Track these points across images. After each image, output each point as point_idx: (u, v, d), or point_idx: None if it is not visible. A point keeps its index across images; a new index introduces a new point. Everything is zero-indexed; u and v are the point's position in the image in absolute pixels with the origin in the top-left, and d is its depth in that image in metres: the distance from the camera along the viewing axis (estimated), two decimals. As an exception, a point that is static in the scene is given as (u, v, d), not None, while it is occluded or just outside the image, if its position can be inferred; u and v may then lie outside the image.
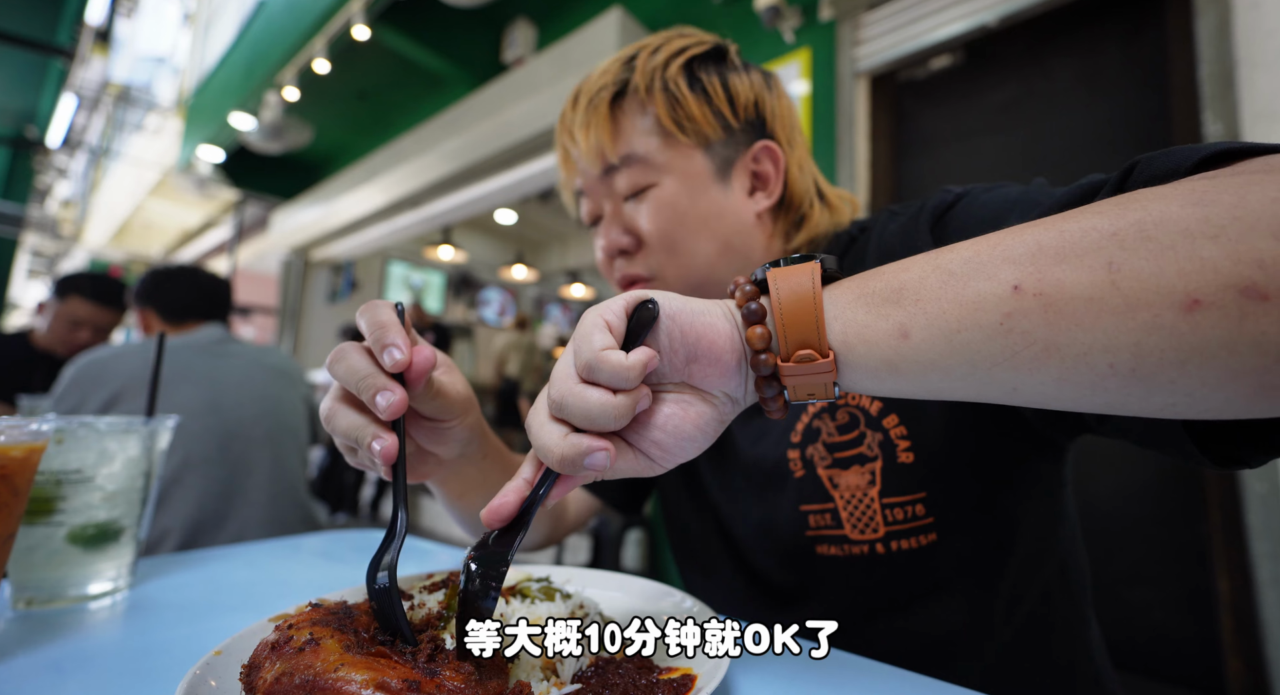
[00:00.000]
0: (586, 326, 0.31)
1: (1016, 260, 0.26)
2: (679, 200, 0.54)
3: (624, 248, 0.56)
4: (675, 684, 0.31)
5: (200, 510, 1.11)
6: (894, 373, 0.29)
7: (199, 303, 1.34)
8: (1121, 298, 0.24)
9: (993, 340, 0.26)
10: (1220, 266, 0.22)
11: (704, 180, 0.55)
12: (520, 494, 0.32)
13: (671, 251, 0.55)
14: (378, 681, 0.25)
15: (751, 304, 0.31)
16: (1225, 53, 1.40)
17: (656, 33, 0.62)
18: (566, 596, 0.39)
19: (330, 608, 0.33)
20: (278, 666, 0.27)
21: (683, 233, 0.54)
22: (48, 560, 0.47)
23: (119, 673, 0.36)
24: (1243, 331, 0.22)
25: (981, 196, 0.48)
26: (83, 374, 1.11)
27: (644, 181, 0.55)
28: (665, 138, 0.55)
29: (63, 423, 0.47)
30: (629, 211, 0.56)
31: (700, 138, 0.55)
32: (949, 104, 1.94)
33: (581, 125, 0.55)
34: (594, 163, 0.55)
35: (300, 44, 3.33)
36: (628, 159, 0.54)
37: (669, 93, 0.55)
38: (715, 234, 0.55)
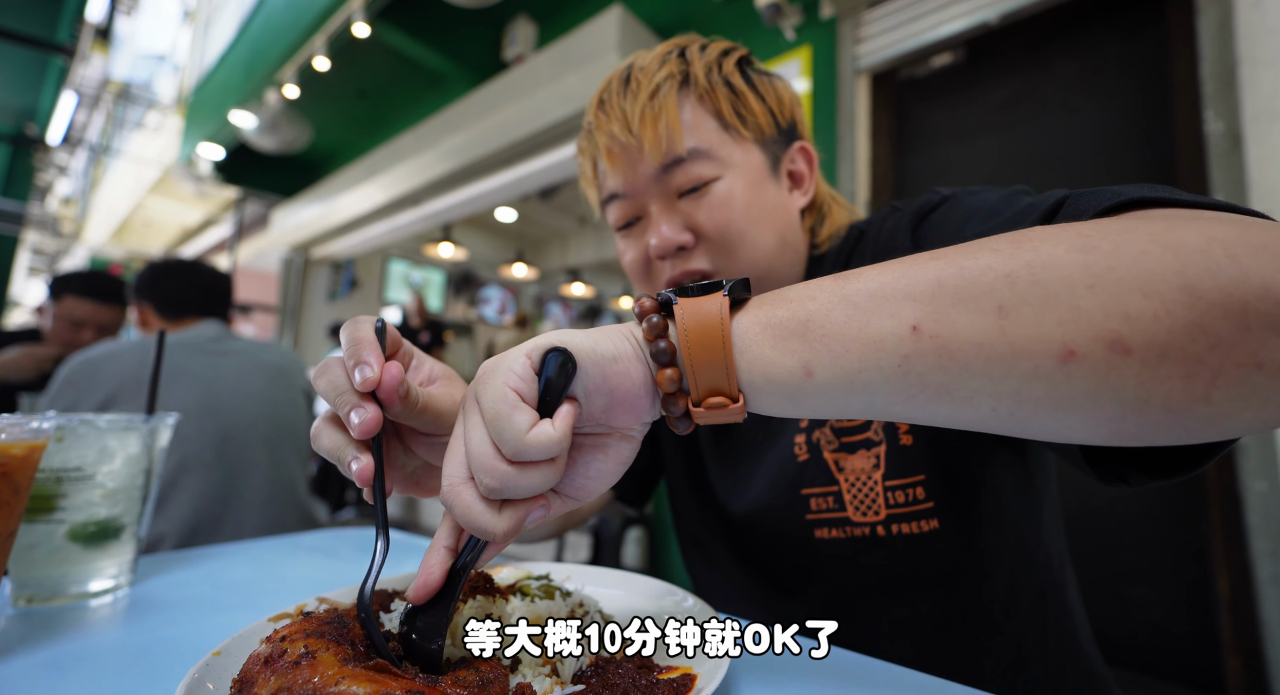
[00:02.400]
0: (497, 403, 0.28)
1: (917, 297, 0.27)
2: (743, 193, 0.53)
3: (682, 245, 0.54)
4: (675, 684, 0.31)
5: (196, 513, 1.09)
6: (797, 405, 0.30)
7: (197, 298, 1.30)
8: (1008, 344, 0.25)
9: (890, 382, 0.27)
10: (1094, 318, 0.24)
11: (762, 174, 0.56)
12: (444, 566, 0.30)
13: (733, 246, 0.53)
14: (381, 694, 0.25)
15: (660, 342, 0.30)
16: (1227, 51, 1.40)
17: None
18: (566, 594, 0.39)
19: (323, 618, 0.32)
20: (273, 682, 0.26)
21: (746, 226, 0.53)
22: (48, 558, 0.48)
23: (119, 670, 0.36)
24: (1107, 383, 0.24)
25: (964, 201, 0.49)
26: (76, 374, 1.09)
27: (708, 175, 0.53)
28: (727, 131, 0.54)
29: (63, 420, 0.47)
30: (685, 207, 0.54)
31: (758, 132, 0.56)
32: (950, 102, 1.94)
33: (645, 117, 0.52)
34: (655, 155, 0.52)
35: (300, 42, 3.33)
36: (694, 152, 0.53)
37: (730, 87, 0.55)
38: (774, 227, 0.55)
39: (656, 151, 0.52)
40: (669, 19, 2.69)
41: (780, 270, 0.57)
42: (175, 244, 9.17)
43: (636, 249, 0.57)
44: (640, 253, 0.57)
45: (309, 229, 5.07)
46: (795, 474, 0.55)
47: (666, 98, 0.53)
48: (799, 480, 0.55)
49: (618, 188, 0.56)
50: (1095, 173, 1.67)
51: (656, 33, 2.67)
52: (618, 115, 0.54)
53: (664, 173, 0.53)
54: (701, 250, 0.54)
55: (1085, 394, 0.25)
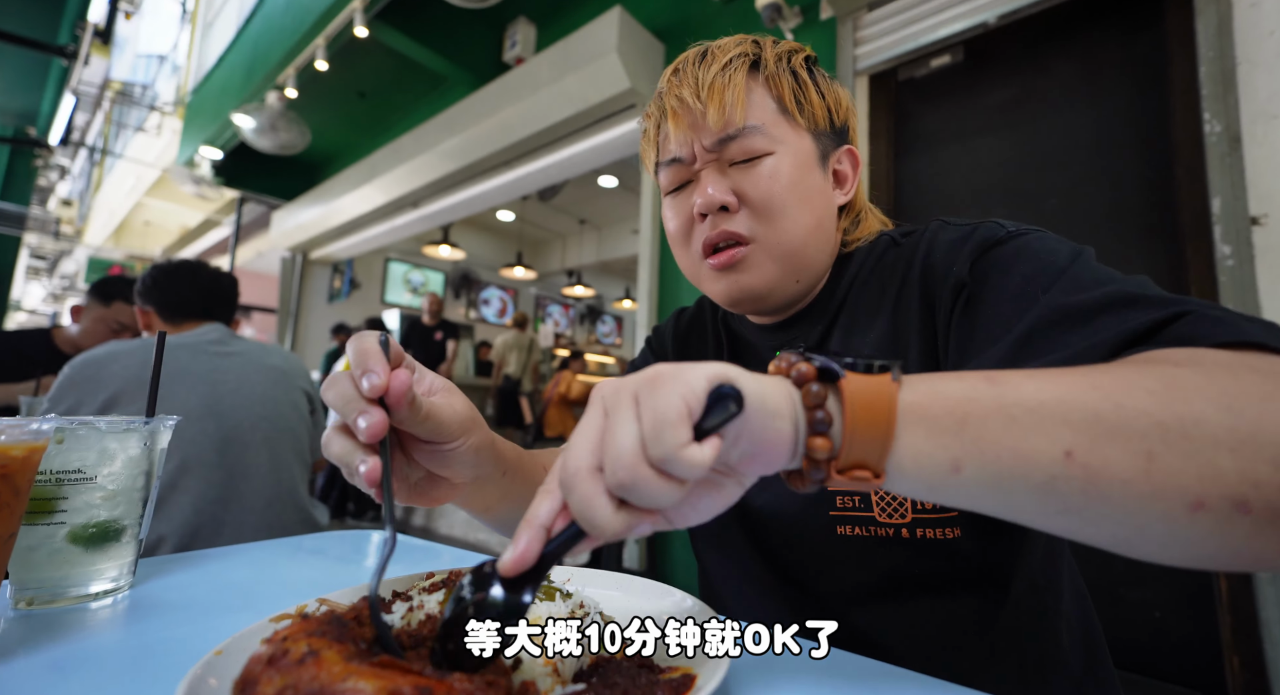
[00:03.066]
0: (668, 410, 0.28)
1: (1074, 425, 0.29)
2: (790, 171, 0.56)
3: (725, 205, 0.56)
4: (675, 684, 0.31)
5: (197, 515, 1.09)
6: (932, 492, 0.31)
7: (198, 300, 1.30)
8: (1150, 486, 0.27)
9: (1032, 495, 0.29)
10: (1229, 479, 0.27)
11: (810, 160, 0.58)
12: (540, 545, 0.30)
13: (773, 217, 0.56)
14: (390, 690, 0.24)
15: (819, 412, 0.30)
16: (1225, 52, 1.40)
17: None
18: (566, 596, 0.39)
19: (322, 619, 0.32)
20: (278, 681, 0.25)
21: (788, 200, 0.56)
22: (49, 560, 0.48)
23: (120, 672, 0.36)
24: (1220, 534, 0.27)
25: (1031, 246, 0.48)
26: (79, 375, 1.09)
27: (760, 149, 0.56)
28: (785, 115, 0.57)
29: (63, 422, 0.47)
30: (735, 174, 0.57)
31: (812, 122, 0.59)
32: (948, 103, 1.94)
33: (714, 86, 0.55)
34: (717, 123, 0.55)
35: (300, 43, 3.33)
36: (751, 128, 0.56)
37: (795, 76, 0.58)
38: (813, 209, 0.58)
39: (719, 119, 0.55)
40: (668, 21, 2.69)
41: (811, 253, 0.59)
42: (175, 246, 9.17)
43: (682, 212, 0.60)
44: (685, 216, 0.60)
45: (309, 230, 5.08)
46: None
47: (737, 72, 0.56)
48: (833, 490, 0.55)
49: (677, 152, 0.59)
50: (1094, 174, 1.67)
51: (656, 35, 2.68)
52: (690, 81, 0.57)
53: (720, 145, 0.57)
54: (742, 216, 0.57)
55: (1198, 538, 0.28)
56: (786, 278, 0.58)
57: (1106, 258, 0.45)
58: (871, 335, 0.57)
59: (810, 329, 0.62)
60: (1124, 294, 0.40)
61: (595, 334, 9.50)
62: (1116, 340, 0.37)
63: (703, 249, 0.58)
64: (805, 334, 0.62)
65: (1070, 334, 0.40)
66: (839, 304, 0.61)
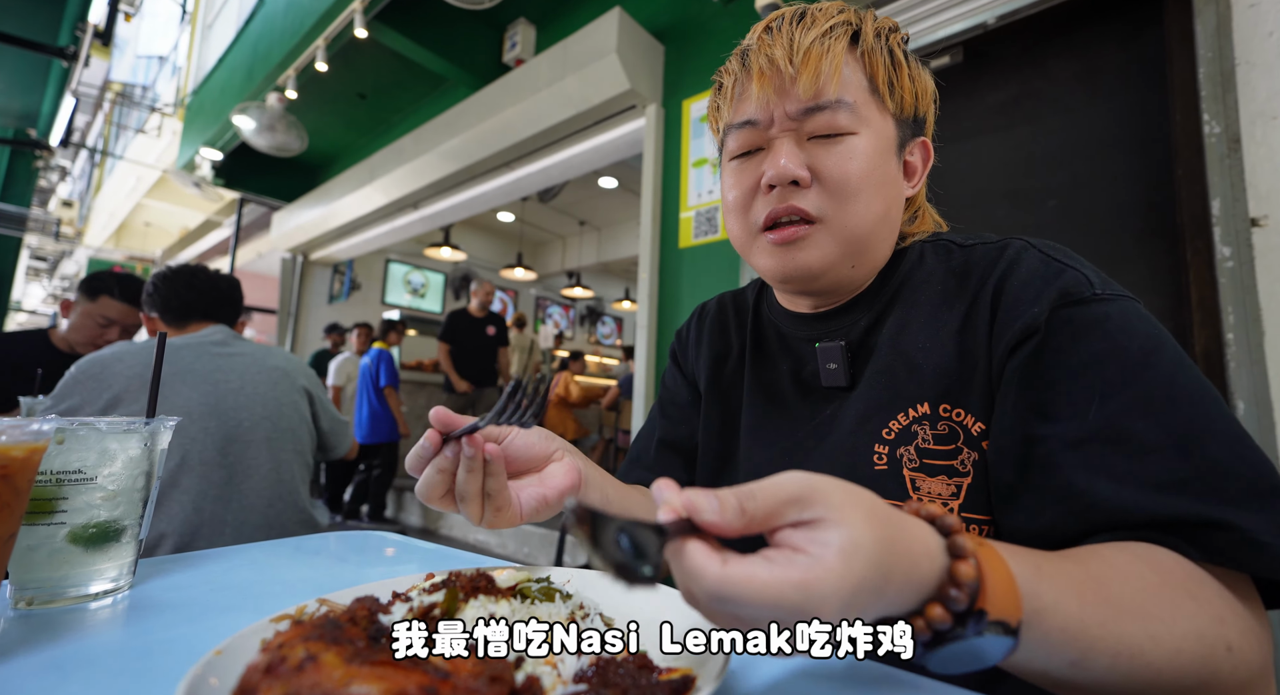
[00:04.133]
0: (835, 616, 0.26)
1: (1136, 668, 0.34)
2: (870, 155, 0.54)
3: (797, 179, 0.53)
4: (675, 684, 0.31)
5: (198, 513, 1.09)
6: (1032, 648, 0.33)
7: (200, 303, 1.32)
8: None
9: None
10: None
11: (889, 146, 0.56)
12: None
13: (846, 199, 0.53)
14: (395, 691, 0.24)
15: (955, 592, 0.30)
16: (1224, 53, 1.40)
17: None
18: (567, 597, 0.39)
19: (316, 623, 0.32)
20: (278, 689, 0.25)
21: (863, 184, 0.53)
22: (49, 560, 0.48)
23: (119, 672, 0.36)
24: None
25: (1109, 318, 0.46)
26: (84, 374, 1.10)
27: (846, 126, 0.53)
28: (874, 95, 0.55)
29: (64, 423, 0.47)
30: (812, 148, 0.54)
31: (899, 107, 0.56)
32: (947, 103, 1.93)
33: (812, 50, 0.52)
34: (808, 91, 0.52)
35: (300, 45, 3.34)
36: (842, 102, 0.53)
37: (892, 55, 0.55)
38: (885, 197, 0.55)
39: (810, 88, 0.52)
40: (668, 21, 2.70)
41: (876, 244, 0.57)
42: (176, 247, 9.18)
43: (746, 180, 0.57)
44: (749, 184, 0.57)
45: (309, 231, 5.08)
46: (869, 480, 0.54)
47: (837, 41, 0.53)
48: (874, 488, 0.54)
49: (755, 115, 0.55)
50: (1094, 174, 1.67)
51: (655, 35, 2.68)
52: (784, 41, 0.54)
53: (805, 114, 0.54)
54: (813, 193, 0.54)
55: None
56: (844, 261, 0.56)
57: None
58: (929, 345, 0.54)
59: (854, 323, 0.60)
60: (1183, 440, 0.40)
61: (595, 335, 9.50)
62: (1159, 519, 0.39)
63: (765, 220, 0.55)
64: (848, 328, 0.60)
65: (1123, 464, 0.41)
66: (888, 300, 0.59)
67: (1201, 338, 1.38)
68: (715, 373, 0.73)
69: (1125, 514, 0.40)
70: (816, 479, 0.29)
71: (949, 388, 0.52)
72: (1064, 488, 0.43)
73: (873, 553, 0.27)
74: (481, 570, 0.42)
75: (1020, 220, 1.77)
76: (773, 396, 0.66)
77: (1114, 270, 0.47)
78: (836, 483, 0.30)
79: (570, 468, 0.53)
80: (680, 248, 2.48)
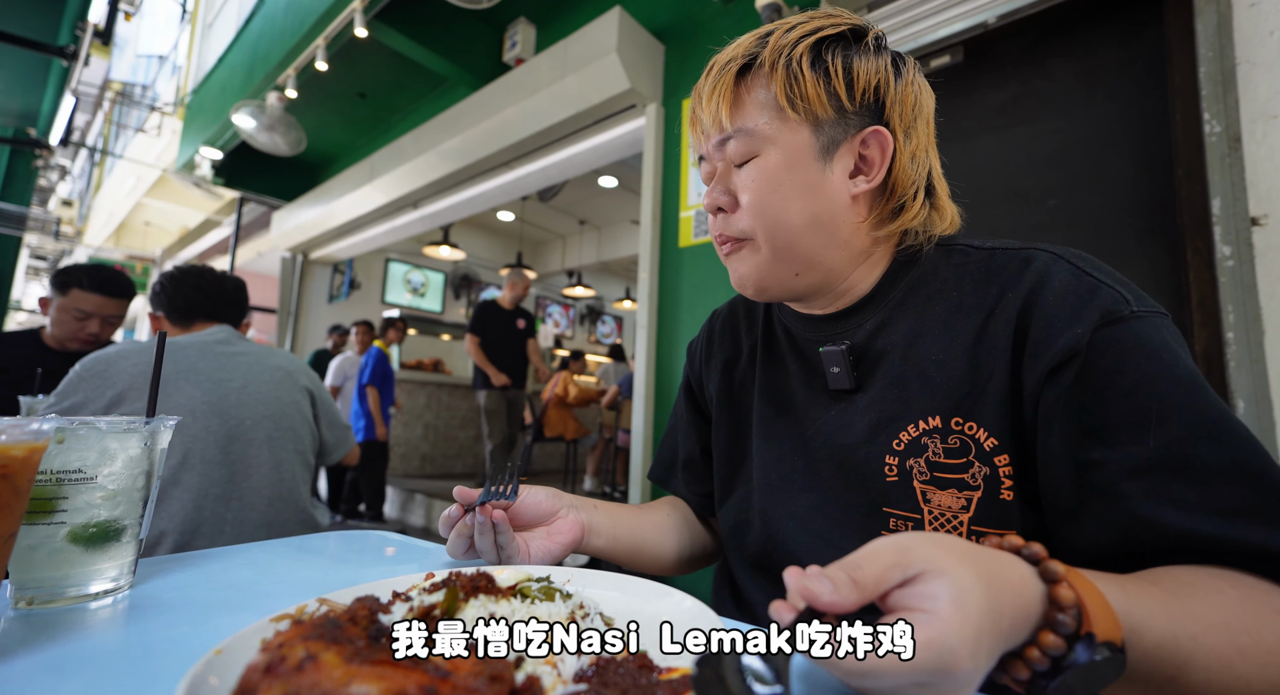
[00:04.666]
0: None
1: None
2: (776, 171, 0.57)
3: (721, 206, 0.61)
4: (675, 684, 0.31)
5: (199, 511, 1.10)
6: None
7: (205, 304, 1.34)
8: None
9: None
10: None
11: (805, 156, 0.57)
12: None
13: (761, 217, 0.58)
14: (395, 691, 0.24)
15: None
16: (1225, 52, 1.40)
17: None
18: (567, 597, 0.39)
19: (315, 622, 0.32)
20: (278, 689, 0.25)
21: (774, 200, 0.57)
22: (49, 559, 0.48)
23: (119, 672, 0.36)
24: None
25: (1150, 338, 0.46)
26: (89, 371, 1.11)
27: (750, 152, 0.58)
28: (777, 112, 0.57)
29: (64, 422, 0.47)
30: (734, 177, 0.60)
31: (810, 116, 0.57)
32: (948, 103, 1.94)
33: (707, 95, 0.60)
34: (713, 130, 0.60)
35: (300, 44, 3.33)
36: (739, 131, 0.58)
37: (790, 71, 0.57)
38: (805, 206, 0.57)
39: (713, 126, 0.60)
40: (668, 21, 2.69)
41: (807, 246, 0.58)
42: (175, 246, 9.18)
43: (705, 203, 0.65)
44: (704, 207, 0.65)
45: (309, 230, 5.08)
46: (880, 491, 0.55)
47: (724, 77, 0.59)
48: (884, 498, 0.55)
49: (700, 150, 0.64)
50: (1094, 174, 1.67)
51: (656, 35, 2.68)
52: (698, 92, 0.62)
53: (719, 147, 0.60)
54: (739, 215, 0.60)
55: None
56: (783, 271, 0.59)
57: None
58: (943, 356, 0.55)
59: (859, 326, 0.61)
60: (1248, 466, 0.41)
61: (595, 334, 9.50)
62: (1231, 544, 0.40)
63: (717, 241, 0.63)
64: (853, 330, 0.62)
65: (1189, 492, 0.41)
66: (897, 303, 0.60)
67: (1201, 337, 1.38)
68: (727, 374, 0.75)
69: (1197, 541, 0.40)
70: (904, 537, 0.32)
71: (961, 401, 0.52)
72: (1128, 516, 0.43)
73: (980, 593, 0.28)
74: (481, 570, 0.42)
75: (1020, 220, 1.77)
76: (782, 397, 0.67)
77: (1114, 270, 0.47)
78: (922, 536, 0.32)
79: (574, 524, 0.63)
80: (680, 247, 2.48)
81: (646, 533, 0.72)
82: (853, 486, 0.57)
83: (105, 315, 1.76)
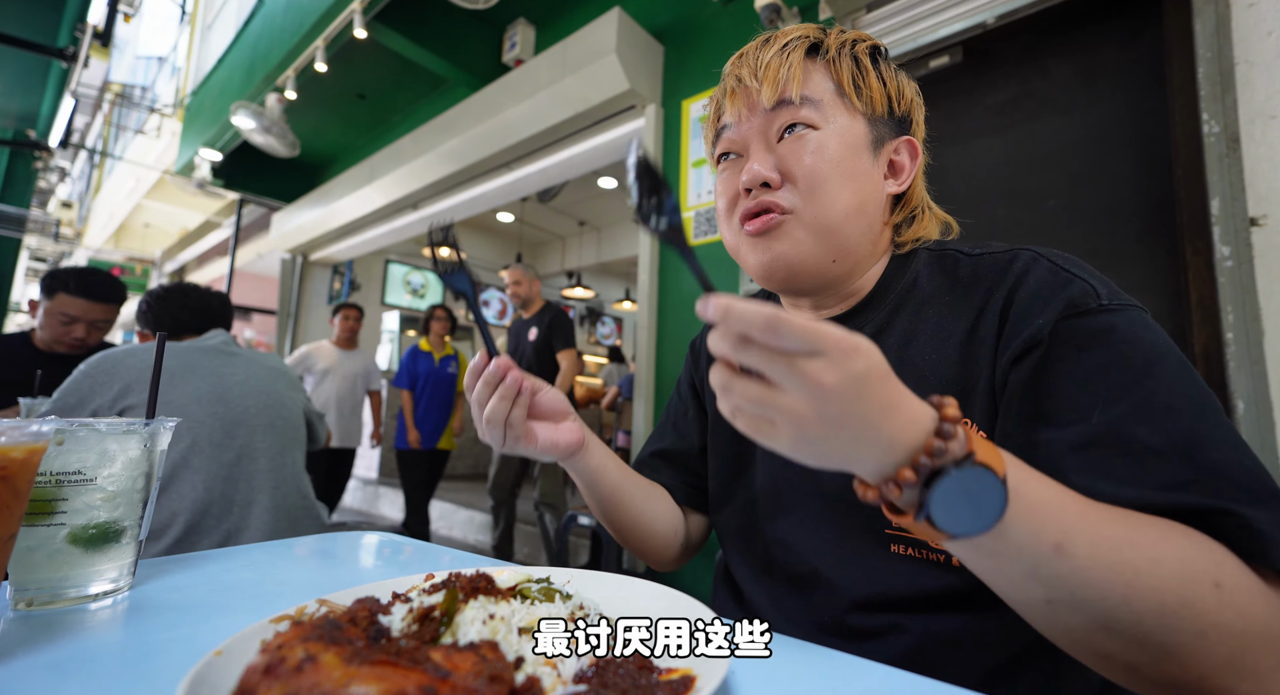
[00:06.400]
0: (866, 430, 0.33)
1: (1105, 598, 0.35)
2: (837, 148, 0.57)
3: (768, 180, 0.57)
4: (675, 684, 0.31)
5: (208, 492, 1.17)
6: (990, 547, 0.36)
7: (191, 320, 1.42)
8: None
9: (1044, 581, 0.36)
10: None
11: (860, 143, 0.58)
12: None
13: (815, 191, 0.56)
14: (395, 692, 0.24)
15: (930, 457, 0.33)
16: (1223, 52, 1.40)
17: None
18: (567, 597, 0.39)
19: (315, 623, 0.32)
20: (277, 689, 0.25)
21: (831, 176, 0.56)
22: (48, 561, 0.48)
23: (119, 673, 0.36)
24: None
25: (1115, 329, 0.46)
26: (95, 369, 1.17)
27: (809, 120, 0.57)
28: (841, 97, 0.58)
29: (63, 424, 0.47)
30: (781, 150, 0.58)
31: (868, 107, 0.59)
32: (947, 103, 1.94)
33: (770, 62, 0.57)
34: (770, 97, 0.57)
35: (300, 45, 3.33)
36: (805, 99, 0.57)
37: (855, 61, 0.59)
38: (857, 190, 0.57)
39: (773, 92, 0.57)
40: (667, 21, 2.69)
41: (850, 235, 0.58)
42: (175, 247, 9.17)
43: (730, 188, 0.61)
44: (732, 191, 0.61)
45: (308, 232, 5.08)
46: None
47: (795, 52, 0.58)
48: None
49: (729, 120, 0.61)
50: (1093, 174, 1.67)
51: (655, 36, 2.68)
52: (749, 63, 0.59)
53: (772, 111, 0.58)
54: (785, 191, 0.57)
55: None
56: (822, 255, 0.57)
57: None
58: (935, 357, 0.55)
59: (858, 329, 0.60)
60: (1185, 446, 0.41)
61: (595, 335, 9.49)
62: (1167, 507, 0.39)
63: (742, 217, 0.59)
64: None
65: (1125, 467, 0.41)
66: (893, 308, 0.60)
67: (1201, 338, 1.38)
68: None
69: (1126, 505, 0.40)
70: None
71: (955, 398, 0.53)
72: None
73: (888, 368, 0.33)
74: (481, 570, 0.42)
75: (1020, 220, 1.77)
76: None
77: (1114, 270, 0.47)
78: None
79: (578, 430, 0.63)
80: (680, 248, 2.48)
81: (635, 485, 0.70)
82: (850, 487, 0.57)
83: (91, 320, 1.75)
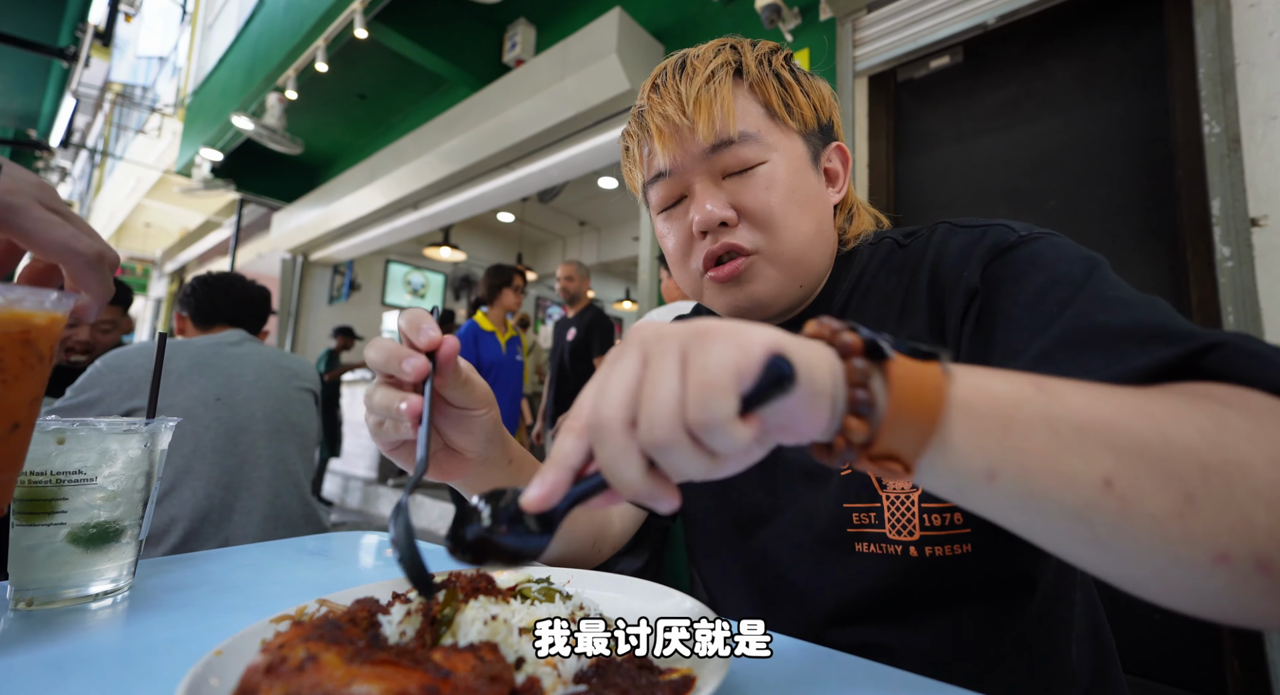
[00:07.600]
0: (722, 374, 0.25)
1: (1118, 451, 0.27)
2: (786, 178, 0.55)
3: (725, 221, 0.54)
4: (675, 684, 0.31)
5: (208, 499, 1.17)
6: (959, 495, 0.29)
7: (227, 308, 1.45)
8: (1181, 531, 0.26)
9: (1061, 518, 0.27)
10: (1258, 536, 0.25)
11: (803, 164, 0.57)
12: (567, 486, 0.28)
13: (773, 227, 0.54)
14: (397, 691, 0.24)
15: (861, 392, 0.27)
16: (1224, 53, 1.40)
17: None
18: (567, 597, 0.39)
19: (316, 623, 0.32)
20: (279, 689, 0.25)
21: (788, 208, 0.55)
22: (48, 560, 0.48)
23: (119, 673, 0.36)
24: (1234, 590, 0.26)
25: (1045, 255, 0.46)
26: (107, 367, 1.20)
27: (754, 158, 0.55)
28: (774, 120, 0.56)
29: (64, 423, 0.47)
30: (730, 187, 0.55)
31: (801, 124, 0.57)
32: (948, 103, 1.94)
33: (700, 99, 0.54)
34: (708, 136, 0.54)
35: (300, 45, 3.34)
36: (744, 135, 0.54)
37: (780, 79, 0.57)
38: (813, 215, 0.57)
39: (709, 132, 0.53)
40: (668, 22, 2.70)
41: (814, 259, 0.58)
42: (176, 247, 9.18)
43: (679, 230, 0.58)
44: (683, 233, 0.58)
45: (309, 232, 5.08)
46: (838, 487, 0.55)
47: (722, 83, 0.55)
48: (842, 494, 0.55)
49: (665, 166, 0.56)
50: (1094, 174, 1.67)
51: (655, 36, 2.68)
52: (673, 97, 0.55)
53: (712, 153, 0.54)
54: (743, 228, 0.55)
55: (1212, 591, 0.27)
56: (791, 285, 0.57)
57: (1106, 258, 0.44)
58: None
59: None
60: (1151, 321, 0.38)
61: (595, 335, 9.49)
62: (1150, 369, 0.35)
63: (704, 262, 0.56)
64: None
65: (1094, 358, 0.37)
66: (840, 308, 0.60)
67: (1202, 338, 1.38)
68: None
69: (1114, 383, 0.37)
70: None
71: None
72: None
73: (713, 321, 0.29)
74: (481, 570, 0.41)
75: (1020, 219, 1.77)
76: None
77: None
78: None
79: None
80: (680, 248, 2.48)
81: None
82: (818, 490, 0.56)
83: (95, 321, 1.77)
